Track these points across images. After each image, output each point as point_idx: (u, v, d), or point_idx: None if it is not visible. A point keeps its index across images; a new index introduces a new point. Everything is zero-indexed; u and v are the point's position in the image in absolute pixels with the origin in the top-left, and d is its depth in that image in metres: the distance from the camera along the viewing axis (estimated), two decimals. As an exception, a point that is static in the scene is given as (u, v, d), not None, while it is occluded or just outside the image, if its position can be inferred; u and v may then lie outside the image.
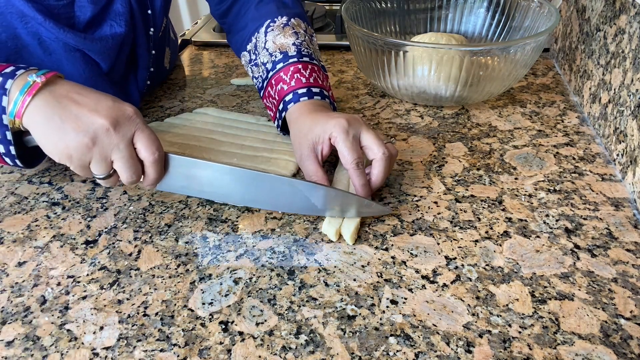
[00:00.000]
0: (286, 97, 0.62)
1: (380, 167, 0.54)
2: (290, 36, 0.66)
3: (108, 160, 0.48)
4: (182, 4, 1.78)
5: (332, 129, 0.55)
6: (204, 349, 0.41)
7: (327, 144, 0.56)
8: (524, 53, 0.69)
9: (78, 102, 0.47)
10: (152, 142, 0.49)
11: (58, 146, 0.46)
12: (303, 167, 0.58)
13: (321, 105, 0.62)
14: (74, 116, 0.46)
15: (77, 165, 0.47)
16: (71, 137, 0.46)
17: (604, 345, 0.41)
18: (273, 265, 0.49)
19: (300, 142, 0.58)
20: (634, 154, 0.58)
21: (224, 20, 0.76)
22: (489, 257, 0.50)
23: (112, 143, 0.47)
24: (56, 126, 0.46)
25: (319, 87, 0.63)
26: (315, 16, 1.08)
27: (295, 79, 0.63)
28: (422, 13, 0.89)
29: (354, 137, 0.54)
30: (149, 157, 0.49)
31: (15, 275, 0.49)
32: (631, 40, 0.62)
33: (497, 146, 0.68)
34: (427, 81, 0.72)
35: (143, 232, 0.54)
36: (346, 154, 0.54)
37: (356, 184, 0.54)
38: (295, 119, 0.60)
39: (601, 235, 0.52)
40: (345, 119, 0.55)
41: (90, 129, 0.46)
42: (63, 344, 0.42)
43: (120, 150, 0.47)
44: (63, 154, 0.47)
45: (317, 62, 0.66)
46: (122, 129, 0.47)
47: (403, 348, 0.41)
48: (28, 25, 0.59)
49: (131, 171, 0.49)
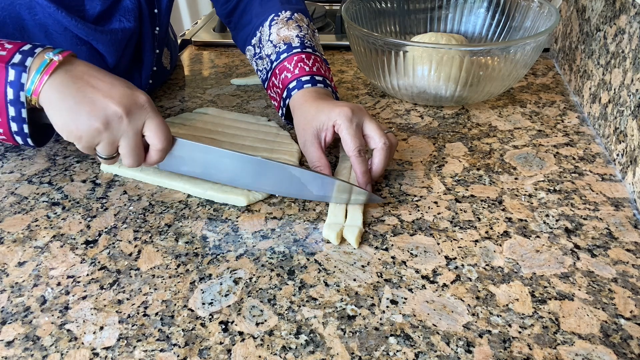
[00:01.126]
0: (290, 84, 0.64)
1: (381, 156, 0.56)
2: (294, 29, 0.68)
3: (115, 144, 0.50)
4: (182, 4, 1.78)
5: (336, 117, 0.56)
6: (204, 349, 0.41)
7: (331, 132, 0.58)
8: (524, 53, 0.69)
9: (94, 85, 0.48)
10: (161, 131, 0.51)
11: (70, 126, 0.48)
12: (307, 153, 0.60)
13: (324, 93, 0.63)
14: (89, 100, 0.47)
15: (84, 146, 0.49)
16: (84, 120, 0.47)
17: (604, 345, 0.41)
18: (273, 265, 0.49)
19: (305, 128, 0.60)
20: (634, 154, 0.58)
21: (230, 19, 0.77)
22: (489, 257, 0.50)
23: (122, 130, 0.48)
24: (70, 107, 0.47)
25: (322, 76, 0.65)
26: (315, 16, 1.08)
27: (299, 67, 0.64)
28: (422, 13, 0.89)
29: (357, 125, 0.56)
30: (156, 145, 0.51)
31: (15, 275, 0.49)
32: (631, 40, 0.62)
33: (497, 146, 0.68)
34: (427, 81, 0.72)
35: (143, 232, 0.54)
36: (349, 141, 0.56)
37: (357, 171, 0.56)
38: (299, 106, 0.62)
39: (601, 235, 0.52)
40: (349, 108, 0.56)
41: (104, 114, 0.47)
42: (63, 344, 0.42)
43: (129, 138, 0.49)
44: (73, 134, 0.48)
45: (319, 54, 0.68)
46: (134, 117, 0.48)
47: (403, 348, 0.41)
48: (36, 17, 0.59)
49: (135, 158, 0.51)
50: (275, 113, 0.76)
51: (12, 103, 0.48)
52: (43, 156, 0.67)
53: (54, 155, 0.67)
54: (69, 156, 0.67)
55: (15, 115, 0.49)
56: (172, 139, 0.53)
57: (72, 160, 0.66)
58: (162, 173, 0.60)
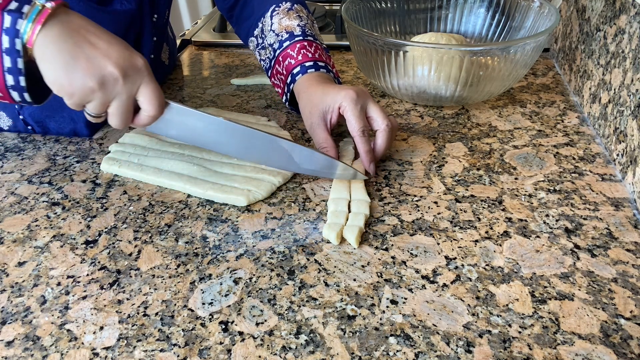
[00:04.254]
0: (294, 70, 0.66)
1: (383, 137, 0.60)
2: (295, 19, 0.70)
3: (107, 105, 0.48)
4: (182, 4, 1.78)
5: (342, 99, 0.59)
6: (204, 349, 0.41)
7: (337, 113, 0.61)
8: (524, 53, 0.69)
9: (91, 42, 0.46)
10: (156, 97, 0.50)
11: (62, 81, 0.46)
12: (313, 135, 0.63)
13: (327, 78, 0.66)
14: (86, 56, 0.46)
15: (74, 103, 0.48)
16: (78, 77, 0.46)
17: (604, 345, 0.41)
18: (273, 265, 0.49)
19: (311, 111, 0.62)
20: (634, 154, 0.58)
21: (231, 13, 0.79)
22: (489, 257, 0.50)
23: (116, 92, 0.47)
24: (66, 62, 0.45)
25: (324, 62, 0.68)
26: (315, 16, 1.08)
27: (302, 54, 0.67)
28: (422, 13, 0.89)
29: (361, 107, 0.60)
30: (149, 111, 0.50)
31: (15, 275, 0.49)
32: (631, 40, 0.62)
33: (497, 146, 0.68)
34: (427, 81, 0.72)
35: (143, 232, 0.54)
36: (354, 122, 0.59)
37: (361, 150, 0.59)
38: (304, 89, 0.64)
39: (601, 235, 0.52)
40: (354, 91, 0.60)
41: (100, 74, 0.46)
42: (63, 344, 0.42)
43: (121, 100, 0.48)
44: (65, 89, 0.46)
45: (320, 43, 0.70)
46: (129, 80, 0.47)
47: (403, 348, 0.41)
48: None
49: (122, 120, 0.50)
50: (276, 113, 0.76)
51: (7, 52, 0.45)
52: (43, 156, 0.67)
53: (54, 155, 0.67)
54: (69, 156, 0.67)
55: (12, 66, 0.46)
56: (165, 104, 0.52)
57: (72, 160, 0.66)
58: (162, 173, 0.61)
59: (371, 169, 0.60)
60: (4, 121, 0.71)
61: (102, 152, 0.67)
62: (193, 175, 0.60)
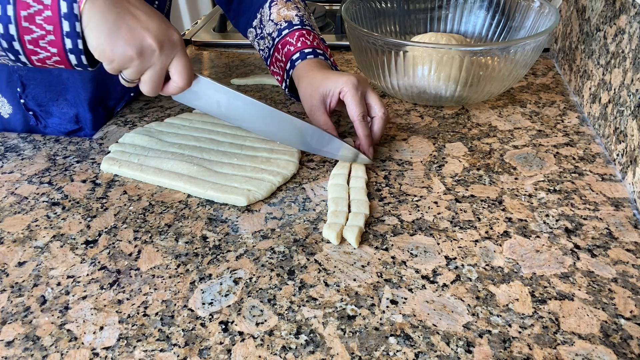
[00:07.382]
0: (293, 56, 0.68)
1: (380, 123, 0.64)
2: (293, 9, 0.72)
3: (142, 73, 0.52)
4: (182, 4, 1.78)
5: (343, 84, 0.62)
6: (204, 349, 0.41)
7: (336, 98, 0.63)
8: (524, 53, 0.69)
9: (133, 14, 0.49)
10: (186, 71, 0.53)
11: (105, 48, 0.49)
12: (313, 118, 0.65)
13: (326, 65, 0.68)
14: (128, 27, 0.49)
15: (112, 68, 0.51)
16: (120, 45, 0.48)
17: (604, 345, 0.41)
18: (273, 265, 0.49)
19: (312, 94, 0.64)
20: (634, 154, 0.58)
21: (229, 7, 0.80)
22: (489, 257, 0.50)
23: (152, 62, 0.51)
24: (109, 30, 0.48)
25: (322, 50, 0.69)
26: (315, 16, 1.08)
27: (301, 41, 0.69)
28: (422, 13, 0.89)
29: (361, 93, 0.62)
30: (178, 83, 0.53)
31: (15, 275, 0.49)
32: (631, 40, 0.62)
33: (497, 146, 0.68)
34: (427, 81, 0.72)
35: (143, 232, 0.54)
36: (354, 107, 0.61)
37: (360, 134, 0.62)
38: (305, 74, 0.66)
39: (601, 235, 0.52)
40: (355, 77, 0.62)
41: (140, 44, 0.49)
42: (63, 344, 0.42)
43: (155, 71, 0.52)
44: (106, 55, 0.49)
45: (317, 33, 0.72)
46: (164, 53, 0.50)
47: (403, 348, 0.41)
48: None
49: (153, 88, 0.53)
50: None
51: (66, 17, 0.48)
52: (43, 156, 0.67)
53: (54, 155, 0.67)
54: (69, 156, 0.67)
55: (70, 30, 0.49)
56: (194, 77, 0.55)
57: (72, 160, 0.66)
58: (162, 173, 0.61)
59: (370, 152, 0.63)
60: (5, 109, 0.72)
61: (102, 152, 0.67)
62: (193, 175, 0.60)
